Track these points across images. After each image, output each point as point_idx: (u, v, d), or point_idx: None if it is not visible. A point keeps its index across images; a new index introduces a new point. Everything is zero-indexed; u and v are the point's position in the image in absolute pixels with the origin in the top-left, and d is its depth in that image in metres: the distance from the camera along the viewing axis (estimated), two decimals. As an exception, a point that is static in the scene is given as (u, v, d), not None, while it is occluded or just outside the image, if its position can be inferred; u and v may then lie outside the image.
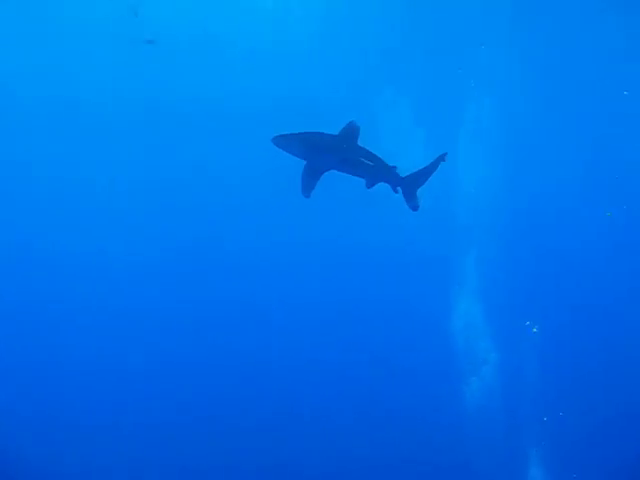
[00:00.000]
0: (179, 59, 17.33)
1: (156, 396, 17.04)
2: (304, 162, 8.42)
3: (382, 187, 9.29)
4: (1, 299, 17.06)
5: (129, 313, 17.60)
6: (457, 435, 15.88)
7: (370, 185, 8.86)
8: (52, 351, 17.24)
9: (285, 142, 7.83)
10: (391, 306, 18.00)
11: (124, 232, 18.18)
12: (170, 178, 18.18)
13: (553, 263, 18.53)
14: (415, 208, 9.18)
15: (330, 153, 8.15)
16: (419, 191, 9.30)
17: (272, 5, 16.87)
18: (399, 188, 9.11)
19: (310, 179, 8.30)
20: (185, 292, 18.13)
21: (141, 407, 16.86)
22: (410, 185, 9.12)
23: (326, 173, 8.56)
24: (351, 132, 8.29)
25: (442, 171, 16.70)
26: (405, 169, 9.25)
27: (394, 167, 8.94)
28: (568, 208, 18.60)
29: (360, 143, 8.64)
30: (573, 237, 18.43)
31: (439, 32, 16.75)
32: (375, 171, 8.71)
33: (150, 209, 18.25)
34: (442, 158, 9.22)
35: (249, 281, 18.03)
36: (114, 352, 17.27)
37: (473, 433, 15.56)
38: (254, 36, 17.24)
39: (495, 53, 15.87)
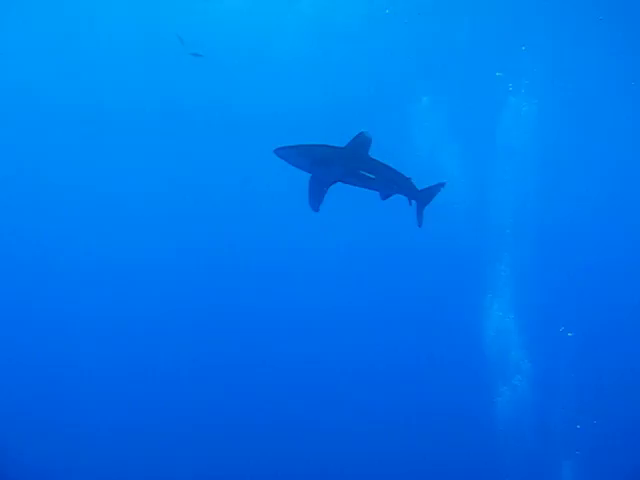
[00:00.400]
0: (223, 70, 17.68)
1: (154, 398, 17.06)
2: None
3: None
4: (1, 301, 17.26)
5: (129, 316, 17.77)
6: (487, 448, 15.58)
7: (385, 197, 8.46)
8: (51, 353, 17.35)
9: (287, 153, 7.40)
10: (422, 314, 17.95)
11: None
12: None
13: (587, 269, 18.32)
14: (420, 224, 8.90)
15: (333, 165, 7.63)
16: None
17: (311, 15, 17.10)
18: (413, 201, 8.76)
19: (316, 192, 7.83)
20: (191, 297, 18.34)
21: (140, 408, 16.90)
22: (424, 199, 8.81)
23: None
24: (361, 143, 7.87)
25: (478, 179, 17.01)
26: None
27: (409, 179, 8.57)
28: (602, 214, 18.42)
29: (378, 154, 8.16)
30: (607, 243, 18.24)
31: (477, 34, 16.67)
32: (387, 183, 8.26)
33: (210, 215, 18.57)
34: (441, 185, 8.91)
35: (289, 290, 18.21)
36: (113, 356, 17.32)
37: (504, 446, 15.28)
38: (293, 48, 17.47)
39: (536, 55, 15.63)
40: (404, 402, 17.29)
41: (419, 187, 8.73)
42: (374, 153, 7.97)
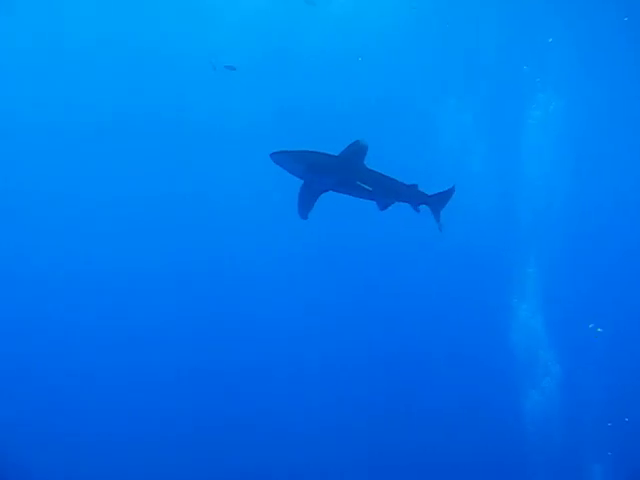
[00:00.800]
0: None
1: (152, 402, 17.07)
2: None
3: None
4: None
5: (128, 322, 17.84)
6: (516, 452, 15.44)
7: (383, 207, 8.16)
8: (51, 358, 17.35)
9: (282, 159, 7.19)
10: (449, 316, 17.86)
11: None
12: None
13: (616, 268, 18.01)
14: (440, 228, 8.63)
15: (326, 174, 7.41)
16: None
17: (339, 15, 17.04)
18: (421, 207, 8.52)
19: (306, 200, 7.64)
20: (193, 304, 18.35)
21: (139, 413, 16.93)
22: (436, 204, 8.55)
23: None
24: (356, 152, 7.59)
25: (504, 178, 16.80)
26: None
27: (415, 185, 8.30)
28: (632, 212, 18.11)
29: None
30: (637, 240, 17.93)
31: (503, 29, 16.40)
32: (385, 192, 7.98)
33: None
34: (453, 189, 8.64)
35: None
36: (112, 360, 17.33)
37: (532, 450, 15.21)
38: (325, 51, 17.47)
39: (564, 49, 15.33)
40: (433, 404, 17.16)
41: (429, 192, 8.52)
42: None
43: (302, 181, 7.54)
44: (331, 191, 7.71)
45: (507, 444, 15.78)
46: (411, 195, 8.31)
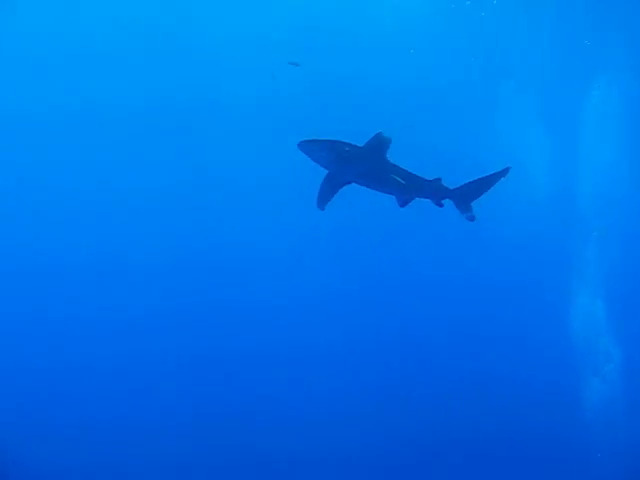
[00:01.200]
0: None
1: (152, 397, 16.85)
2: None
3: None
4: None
5: (125, 315, 17.58)
6: (576, 443, 15.22)
7: (403, 203, 8.09)
8: (50, 353, 17.11)
9: (309, 148, 7.24)
10: (507, 301, 17.61)
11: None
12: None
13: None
14: (472, 219, 8.39)
15: (358, 164, 7.48)
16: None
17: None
18: (444, 201, 8.38)
19: (327, 191, 7.75)
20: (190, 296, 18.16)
21: (139, 407, 16.66)
22: (462, 197, 8.35)
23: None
24: (378, 145, 7.62)
25: (563, 163, 16.56)
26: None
27: (438, 179, 8.22)
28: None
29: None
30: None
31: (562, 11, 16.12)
32: (409, 187, 7.94)
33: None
34: (504, 173, 8.28)
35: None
36: (111, 354, 17.09)
37: (594, 441, 14.98)
38: (379, 34, 17.54)
39: (628, 27, 15.08)
40: (492, 393, 16.92)
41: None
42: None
43: (325, 172, 7.64)
44: (354, 184, 7.77)
45: (569, 434, 15.50)
46: (434, 190, 8.23)
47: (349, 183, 7.81)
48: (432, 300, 17.88)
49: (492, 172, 8.29)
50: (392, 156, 7.74)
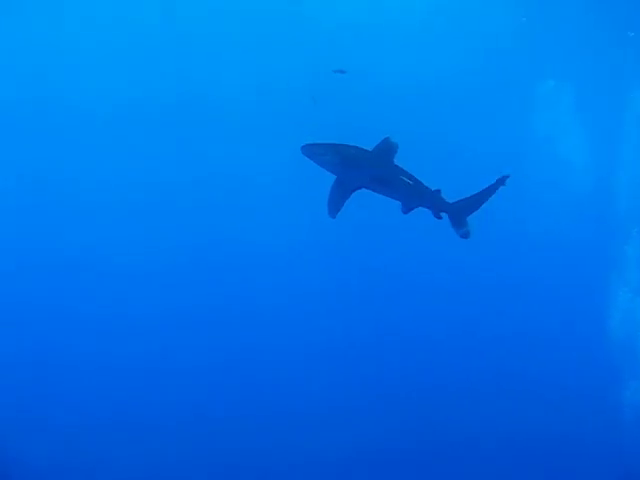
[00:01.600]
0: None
1: (152, 397, 16.74)
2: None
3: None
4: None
5: (127, 313, 17.52)
6: (614, 449, 14.96)
7: (407, 210, 7.95)
8: (50, 350, 17.07)
9: (315, 152, 7.02)
10: (544, 299, 17.45)
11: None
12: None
13: None
14: (466, 235, 8.09)
15: (363, 168, 7.27)
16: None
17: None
18: (443, 214, 8.15)
19: (338, 197, 7.47)
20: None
21: (140, 406, 16.62)
22: (458, 212, 8.09)
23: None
24: (386, 150, 7.46)
25: (603, 160, 16.45)
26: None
27: (438, 191, 7.97)
28: None
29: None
30: None
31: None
32: (413, 194, 7.76)
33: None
34: (502, 182, 8.03)
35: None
36: (113, 353, 17.03)
37: (632, 446, 14.80)
38: (405, 29, 17.45)
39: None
40: (528, 394, 16.64)
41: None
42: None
43: (334, 177, 7.47)
44: (365, 190, 7.56)
45: (606, 437, 15.27)
46: (432, 201, 8.05)
47: (359, 188, 7.53)
48: (470, 299, 17.71)
49: (489, 184, 8.08)
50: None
